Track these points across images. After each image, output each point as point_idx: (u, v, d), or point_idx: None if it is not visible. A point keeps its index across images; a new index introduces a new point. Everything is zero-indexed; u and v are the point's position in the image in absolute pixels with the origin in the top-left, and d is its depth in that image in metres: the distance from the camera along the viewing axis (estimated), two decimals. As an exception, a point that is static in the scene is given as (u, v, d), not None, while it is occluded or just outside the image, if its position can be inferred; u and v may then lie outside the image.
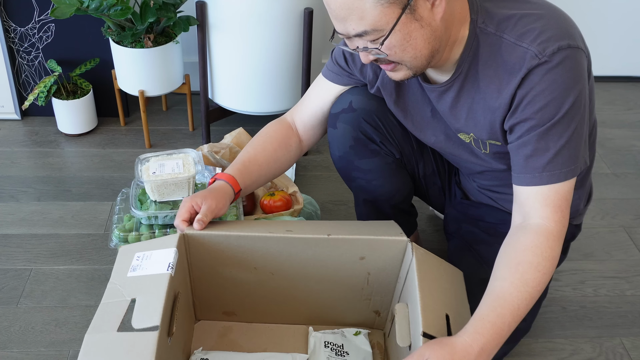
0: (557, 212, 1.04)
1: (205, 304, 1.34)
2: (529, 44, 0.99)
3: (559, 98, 1.00)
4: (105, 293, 1.06)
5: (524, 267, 1.01)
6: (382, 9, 0.95)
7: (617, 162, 2.02)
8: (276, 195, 1.54)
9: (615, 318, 1.49)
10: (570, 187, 1.06)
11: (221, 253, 1.21)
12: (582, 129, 1.04)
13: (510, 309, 1.00)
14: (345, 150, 1.33)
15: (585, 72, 1.02)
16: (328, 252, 1.20)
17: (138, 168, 1.35)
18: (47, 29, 1.92)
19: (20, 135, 2.00)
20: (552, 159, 1.03)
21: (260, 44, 1.73)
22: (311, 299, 1.31)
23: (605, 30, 2.30)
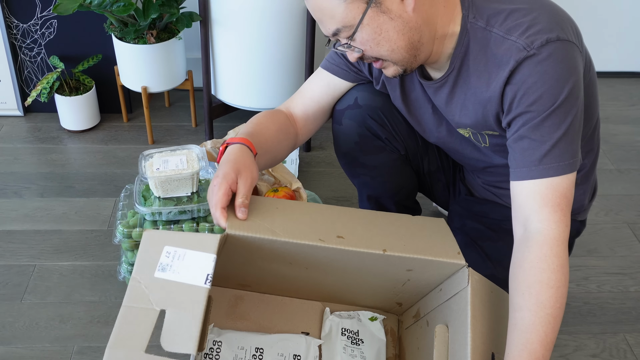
0: (557, 211, 1.00)
1: (222, 277, 1.21)
2: (517, 37, 0.99)
3: (552, 89, 0.99)
4: (127, 292, 0.92)
5: (536, 288, 0.97)
6: (347, 5, 0.98)
7: (621, 158, 2.02)
8: (280, 192, 1.54)
9: (619, 314, 1.49)
10: (569, 184, 1.03)
11: (260, 252, 1.08)
12: (578, 123, 1.03)
13: (539, 340, 0.95)
14: (351, 147, 1.33)
15: (578, 64, 1.01)
16: (379, 266, 1.10)
17: (142, 164, 1.35)
18: (49, 25, 1.92)
19: (23, 131, 2.00)
20: (549, 152, 1.01)
21: (263, 40, 1.72)
22: (335, 286, 1.22)
23: (608, 26, 2.30)
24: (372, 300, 1.29)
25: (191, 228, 1.34)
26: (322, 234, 1.04)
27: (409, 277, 1.14)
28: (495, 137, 1.13)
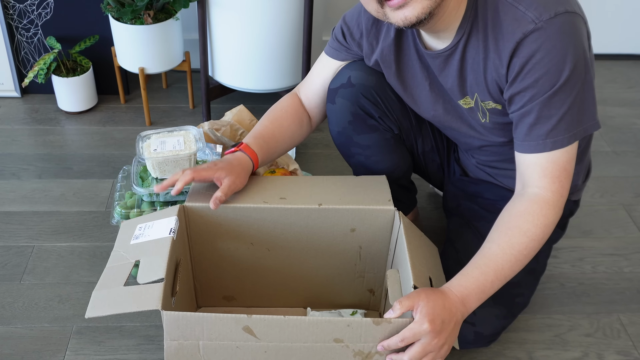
0: (555, 182, 1.07)
1: (206, 289, 1.35)
2: (526, 7, 0.99)
3: (559, 64, 0.99)
4: (109, 259, 1.10)
5: (513, 231, 1.07)
6: None
7: (617, 140, 2.02)
8: (277, 173, 1.55)
9: (613, 295, 1.51)
10: (570, 156, 1.07)
11: (219, 227, 1.23)
12: (585, 92, 1.04)
13: (494, 269, 1.06)
14: (344, 126, 1.34)
15: (584, 37, 1.02)
16: (320, 222, 1.23)
17: (139, 145, 1.36)
18: (45, 6, 1.91)
19: (20, 112, 2.00)
20: (556, 125, 1.04)
21: (260, 21, 1.72)
22: (307, 278, 1.33)
23: (606, 8, 2.29)
24: (348, 296, 1.37)
25: (189, 209, 1.35)
26: (267, 198, 1.22)
27: (359, 242, 1.26)
28: (497, 113, 1.14)
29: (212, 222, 1.22)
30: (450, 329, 1.01)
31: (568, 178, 1.08)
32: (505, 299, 1.25)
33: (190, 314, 0.99)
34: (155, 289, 0.99)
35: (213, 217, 1.21)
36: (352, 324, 0.99)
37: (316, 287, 1.35)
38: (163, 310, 0.97)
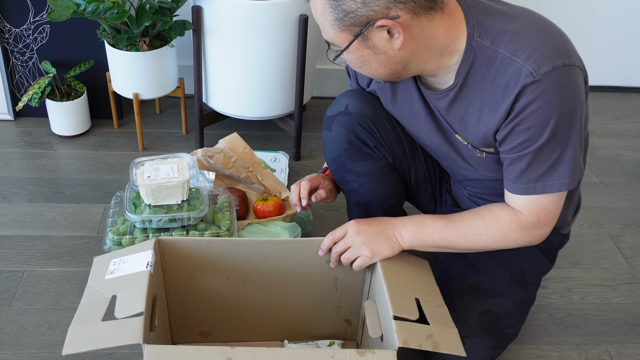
0: (534, 216, 1.13)
1: (181, 325, 1.34)
2: (524, 60, 1.01)
3: (553, 116, 1.02)
4: (84, 295, 1.10)
5: (477, 220, 1.17)
6: (335, 31, 1.03)
7: (605, 171, 2.05)
8: (269, 201, 1.56)
9: (601, 326, 1.52)
10: (556, 199, 1.11)
11: (194, 260, 1.23)
12: (576, 142, 1.07)
13: (442, 225, 1.17)
14: (339, 153, 1.36)
15: (580, 88, 1.05)
16: (295, 254, 1.24)
17: (133, 172, 1.36)
18: (42, 30, 1.93)
19: (13, 136, 2.00)
20: (546, 172, 1.07)
21: (255, 50, 1.74)
22: (284, 311, 1.33)
23: (593, 41, 2.34)
24: (325, 327, 1.37)
25: (181, 236, 1.35)
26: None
27: (334, 274, 1.27)
28: (492, 153, 1.16)
29: (187, 256, 1.22)
30: (375, 233, 1.18)
31: (548, 216, 1.13)
32: (494, 329, 1.27)
33: (172, 347, 0.98)
34: (135, 323, 0.98)
35: (188, 250, 1.22)
36: (336, 355, 0.99)
37: (293, 320, 1.35)
38: (144, 344, 0.96)
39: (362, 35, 1.01)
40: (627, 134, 2.25)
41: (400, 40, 1.01)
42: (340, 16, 1.00)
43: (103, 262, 1.17)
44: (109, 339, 0.97)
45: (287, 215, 1.54)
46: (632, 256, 1.73)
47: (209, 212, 1.41)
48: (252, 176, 1.61)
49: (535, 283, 1.36)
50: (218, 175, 1.61)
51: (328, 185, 1.41)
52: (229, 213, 1.43)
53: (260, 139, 2.05)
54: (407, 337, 1.01)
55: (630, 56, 2.39)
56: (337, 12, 1.00)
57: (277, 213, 1.54)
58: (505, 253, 1.29)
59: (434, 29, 1.03)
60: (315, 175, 1.42)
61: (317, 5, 1.03)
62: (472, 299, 1.28)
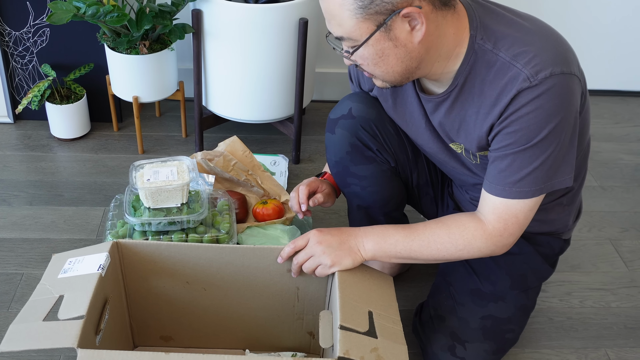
0: (500, 222, 1.12)
1: (143, 328, 1.33)
2: (523, 65, 1.01)
3: (541, 123, 1.02)
4: (34, 292, 1.09)
5: (441, 229, 1.15)
6: (357, 21, 0.99)
7: (604, 175, 2.06)
8: (269, 204, 1.56)
9: (601, 329, 1.52)
10: (529, 207, 1.10)
11: (153, 264, 1.22)
12: (564, 151, 1.06)
13: (404, 242, 1.16)
14: (342, 156, 1.36)
15: (575, 98, 1.04)
16: (256, 262, 1.22)
17: (132, 174, 1.36)
18: (42, 34, 1.93)
19: (12, 138, 2.00)
20: (524, 177, 1.07)
21: (255, 53, 1.74)
22: (246, 319, 1.31)
23: (593, 45, 2.34)
24: (288, 338, 1.35)
25: (180, 239, 1.35)
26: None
27: (296, 283, 1.24)
28: (486, 157, 1.16)
29: (146, 259, 1.21)
30: (336, 243, 1.17)
31: (516, 225, 1.12)
32: (496, 334, 1.26)
33: (106, 352, 0.96)
34: (73, 326, 0.97)
35: (147, 254, 1.20)
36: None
37: (255, 329, 1.33)
38: (78, 348, 0.95)
39: (386, 25, 0.98)
40: (626, 138, 2.25)
41: (422, 32, 0.99)
42: (366, 4, 0.97)
43: (60, 260, 1.16)
44: (44, 340, 0.96)
45: (286, 219, 1.54)
46: (632, 260, 1.73)
47: (208, 215, 1.41)
48: (251, 179, 1.62)
49: (536, 288, 1.36)
50: (217, 178, 1.61)
51: (326, 189, 1.41)
52: (228, 216, 1.43)
53: (260, 142, 2.05)
54: (350, 347, 0.99)
55: (629, 60, 2.40)
56: (362, 0, 0.97)
57: (276, 216, 1.54)
58: (507, 258, 1.29)
59: (446, 27, 1.03)
60: (313, 179, 1.41)
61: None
62: (473, 304, 1.28)
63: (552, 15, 2.24)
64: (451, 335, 1.26)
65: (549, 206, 1.25)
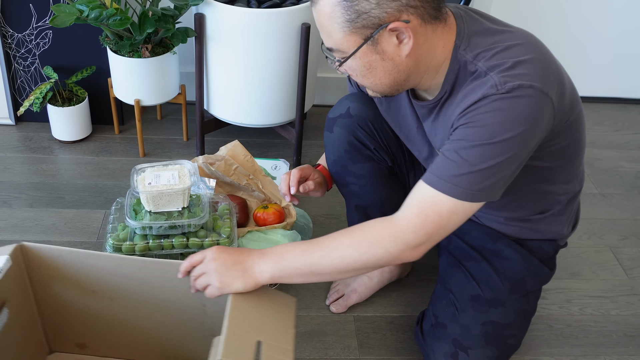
0: (420, 217, 1.04)
1: (57, 334, 1.30)
2: (496, 74, 1.00)
3: (497, 127, 0.99)
4: None
5: (343, 236, 1.09)
6: (345, 34, 1.01)
7: (604, 182, 2.06)
8: (269, 208, 1.56)
9: (600, 337, 1.52)
10: (456, 209, 1.04)
11: (58, 271, 1.18)
12: (510, 165, 1.03)
13: (303, 256, 1.08)
14: (340, 155, 1.37)
15: (540, 119, 1.01)
16: (158, 276, 1.17)
17: (134, 178, 1.37)
18: (44, 36, 1.93)
19: (14, 140, 2.00)
20: (464, 174, 1.02)
21: (257, 57, 1.74)
22: (157, 333, 1.26)
23: (594, 53, 2.35)
24: (202, 354, 1.25)
25: (181, 243, 1.35)
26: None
27: (202, 300, 1.16)
28: None
29: (51, 265, 1.17)
30: (231, 263, 1.09)
31: (435, 225, 1.04)
32: (497, 340, 1.27)
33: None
34: None
35: (51, 259, 1.16)
36: None
37: (168, 343, 1.28)
38: None
39: (373, 39, 1.00)
40: (626, 145, 2.25)
41: (409, 46, 1.00)
42: (353, 17, 0.98)
43: None
44: None
45: (287, 223, 1.54)
46: (631, 267, 1.73)
47: (209, 220, 1.41)
48: (252, 184, 1.62)
49: (536, 292, 1.36)
50: (219, 182, 1.61)
51: (318, 178, 1.40)
52: (229, 220, 1.43)
53: (261, 146, 2.05)
54: None
55: (630, 68, 2.40)
56: (350, 14, 0.98)
57: (277, 221, 1.54)
58: (504, 263, 1.29)
59: (436, 40, 1.04)
60: (307, 166, 1.41)
61: (326, 8, 1.00)
62: (474, 310, 1.28)
63: (556, 25, 2.25)
64: (453, 343, 1.26)
65: (537, 217, 1.26)
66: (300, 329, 1.47)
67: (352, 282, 1.55)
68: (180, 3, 1.69)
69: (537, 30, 2.32)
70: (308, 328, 1.48)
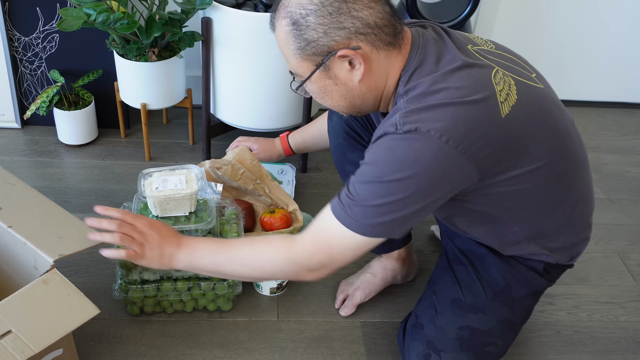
0: (314, 246, 1.08)
1: None
2: (402, 115, 0.99)
3: (388, 167, 0.99)
4: None
5: (246, 245, 1.15)
6: (298, 60, 1.06)
7: (611, 187, 2.05)
8: (276, 213, 1.56)
9: (609, 344, 1.51)
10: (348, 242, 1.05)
11: None
12: (404, 208, 1.01)
13: (211, 256, 1.15)
14: (339, 142, 1.44)
15: (435, 166, 0.98)
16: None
17: (141, 182, 1.36)
18: (51, 39, 1.93)
19: (20, 144, 2.00)
20: (356, 206, 1.02)
21: (263, 62, 1.74)
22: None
23: (600, 57, 2.34)
24: None
25: (188, 248, 1.35)
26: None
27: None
28: None
29: None
30: (157, 243, 1.16)
31: (327, 255, 1.07)
32: (473, 346, 1.25)
33: None
34: None
35: None
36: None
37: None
38: None
39: (324, 65, 1.04)
40: (633, 150, 2.24)
41: (360, 71, 1.03)
42: (302, 45, 1.02)
43: None
44: None
45: (294, 228, 1.53)
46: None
47: (216, 224, 1.41)
48: (259, 188, 1.61)
49: (525, 301, 1.30)
50: (225, 186, 1.60)
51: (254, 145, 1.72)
52: (236, 225, 1.43)
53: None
54: None
55: (636, 72, 2.40)
56: (299, 42, 1.02)
57: (284, 226, 1.54)
58: (489, 268, 1.27)
59: (389, 66, 1.05)
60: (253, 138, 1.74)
61: (280, 35, 1.06)
62: (452, 313, 1.27)
63: (561, 28, 2.24)
64: (427, 344, 1.26)
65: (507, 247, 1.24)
66: (308, 334, 1.47)
67: (355, 281, 1.55)
68: (187, 7, 1.69)
69: (543, 36, 2.33)
70: (315, 334, 1.47)
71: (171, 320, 1.48)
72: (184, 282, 1.41)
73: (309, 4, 1.01)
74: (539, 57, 2.29)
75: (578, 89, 2.41)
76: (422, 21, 1.15)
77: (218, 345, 1.42)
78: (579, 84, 2.40)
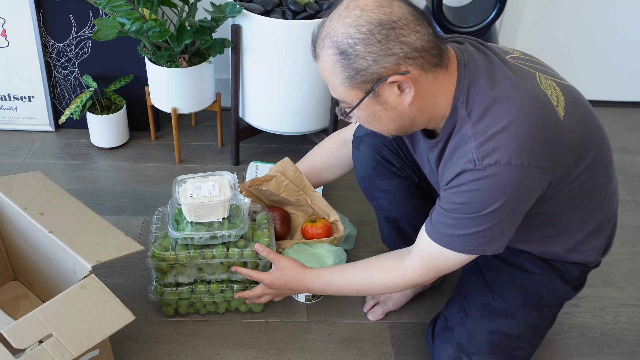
0: (423, 269, 1.19)
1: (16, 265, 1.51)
2: (476, 146, 1.03)
3: (479, 204, 1.05)
4: None
5: (369, 270, 1.27)
6: (346, 89, 1.05)
7: (637, 189, 2.05)
8: (317, 222, 1.58)
9: (635, 346, 1.53)
10: (455, 259, 1.15)
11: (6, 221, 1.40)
12: (499, 228, 1.09)
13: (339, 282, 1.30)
14: (368, 171, 1.41)
15: (522, 189, 1.04)
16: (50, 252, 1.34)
17: (175, 189, 1.40)
18: (83, 46, 1.98)
19: (54, 147, 2.06)
20: (456, 236, 1.11)
21: (291, 67, 1.77)
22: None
23: (626, 57, 2.33)
24: None
25: (222, 253, 1.39)
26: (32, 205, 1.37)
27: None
28: None
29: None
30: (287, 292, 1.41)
31: (437, 271, 1.19)
32: (503, 350, 1.28)
33: None
34: None
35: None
36: None
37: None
38: None
39: (374, 92, 1.03)
40: (659, 151, 2.24)
41: (411, 94, 1.03)
42: (352, 74, 1.01)
43: None
44: None
45: (334, 238, 1.56)
46: (665, 276, 1.73)
47: (248, 229, 1.44)
48: (302, 199, 1.63)
49: (553, 308, 1.34)
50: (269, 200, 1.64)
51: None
52: (267, 230, 1.46)
53: (294, 152, 2.08)
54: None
55: (663, 72, 2.38)
56: (348, 71, 1.01)
57: (324, 235, 1.56)
58: (523, 276, 1.30)
59: (438, 88, 1.06)
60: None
61: (327, 65, 1.04)
62: (483, 318, 1.29)
63: (582, 29, 2.24)
64: (458, 347, 1.29)
65: (554, 250, 1.27)
66: (337, 335, 1.51)
67: None
68: (217, 15, 1.73)
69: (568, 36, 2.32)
70: (344, 335, 1.51)
71: (204, 321, 1.52)
72: (217, 285, 1.45)
73: (357, 33, 0.99)
74: (564, 57, 2.29)
75: (602, 89, 2.41)
76: (455, 36, 1.16)
77: (250, 346, 1.47)
78: (604, 84, 2.39)
